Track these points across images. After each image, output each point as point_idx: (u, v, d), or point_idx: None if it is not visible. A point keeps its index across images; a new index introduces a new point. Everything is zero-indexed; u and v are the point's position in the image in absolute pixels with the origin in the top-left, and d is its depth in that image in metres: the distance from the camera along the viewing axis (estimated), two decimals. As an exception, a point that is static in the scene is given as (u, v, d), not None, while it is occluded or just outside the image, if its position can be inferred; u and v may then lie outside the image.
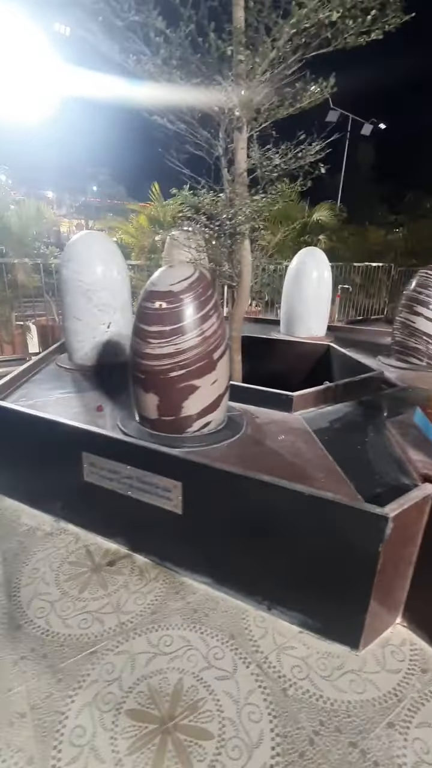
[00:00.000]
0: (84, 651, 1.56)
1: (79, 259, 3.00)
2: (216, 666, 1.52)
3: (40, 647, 1.57)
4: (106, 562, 2.00)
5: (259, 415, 2.42)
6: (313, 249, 4.57)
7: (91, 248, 3.03)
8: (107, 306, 3.08)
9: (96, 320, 3.08)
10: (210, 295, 1.96)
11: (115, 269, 3.11)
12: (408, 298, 3.48)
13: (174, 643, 1.60)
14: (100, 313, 3.07)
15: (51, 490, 2.27)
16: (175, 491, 1.79)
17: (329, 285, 4.53)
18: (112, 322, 3.14)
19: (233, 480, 1.65)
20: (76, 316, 3.07)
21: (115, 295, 3.11)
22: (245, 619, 1.72)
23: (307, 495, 1.48)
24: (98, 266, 3.02)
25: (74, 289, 3.01)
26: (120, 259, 3.19)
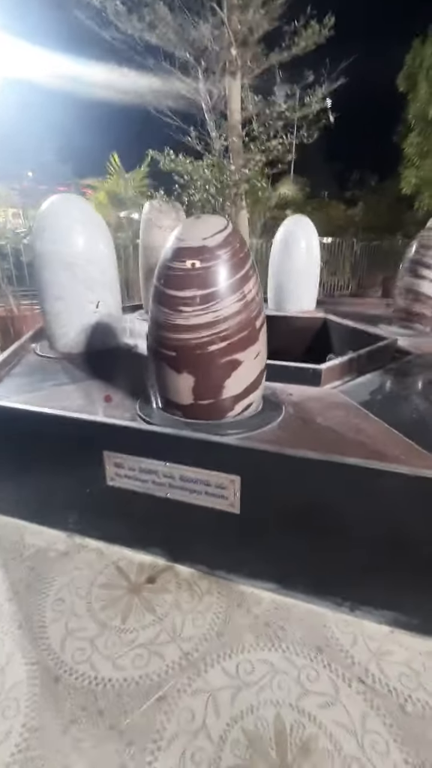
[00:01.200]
0: (150, 697, 1.24)
1: (57, 228, 2.53)
2: (314, 690, 1.26)
3: (91, 703, 1.23)
4: (144, 580, 1.67)
5: (290, 392, 2.16)
6: (300, 217, 4.31)
7: (69, 214, 2.57)
8: (95, 282, 2.65)
9: (82, 299, 2.64)
10: (247, 252, 1.64)
11: (100, 241, 2.67)
12: (411, 261, 3.34)
13: (256, 669, 1.32)
14: (87, 290, 2.64)
15: (62, 501, 1.89)
16: (231, 487, 1.49)
17: (318, 255, 4.32)
18: (101, 302, 2.72)
19: (308, 467, 1.38)
20: (57, 296, 2.61)
21: (103, 271, 2.68)
22: (327, 626, 1.47)
23: (409, 476, 1.24)
24: (80, 236, 2.58)
25: (53, 263, 2.55)
26: (105, 229, 2.75)
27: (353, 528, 1.41)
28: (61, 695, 1.25)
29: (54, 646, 1.40)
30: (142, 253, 4.12)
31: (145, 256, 4.08)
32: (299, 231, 4.20)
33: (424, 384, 2.23)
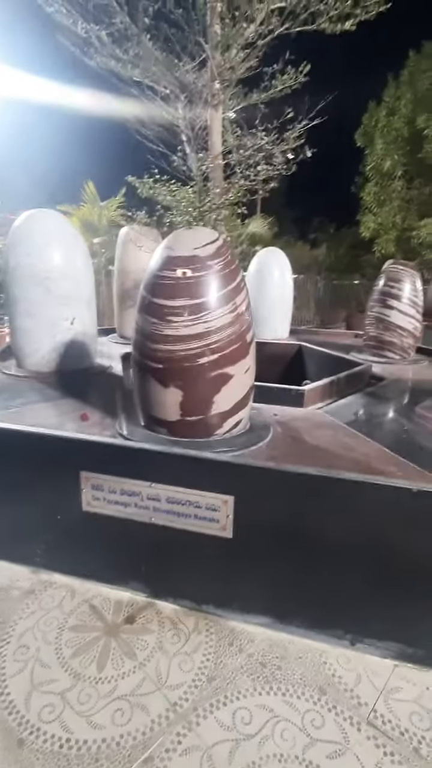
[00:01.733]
0: (134, 761, 1.05)
1: (31, 242, 2.44)
2: (321, 739, 1.12)
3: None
4: (122, 619, 1.48)
5: (275, 412, 2.11)
6: (273, 249, 4.47)
7: (46, 228, 2.49)
8: (70, 298, 2.55)
9: (57, 315, 2.52)
10: (237, 265, 1.62)
11: (78, 257, 2.60)
12: (380, 292, 3.50)
13: (254, 717, 1.17)
14: (62, 306, 2.52)
15: (27, 531, 1.68)
16: (223, 509, 1.38)
17: (291, 285, 4.46)
18: (77, 318, 2.61)
19: (309, 484, 1.30)
20: (28, 312, 2.48)
21: (79, 286, 2.59)
22: (327, 663, 1.35)
23: (414, 491, 1.20)
24: (56, 251, 2.49)
25: (26, 278, 2.43)
26: (82, 245, 2.69)
27: (353, 552, 1.33)
28: (26, 762, 1.03)
29: (17, 702, 1.18)
30: (117, 277, 4.08)
31: (120, 280, 4.04)
32: (273, 262, 4.33)
33: (405, 406, 2.26)
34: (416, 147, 7.52)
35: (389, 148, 7.88)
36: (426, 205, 7.71)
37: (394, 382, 2.92)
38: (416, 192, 7.94)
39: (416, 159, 7.60)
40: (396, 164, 7.85)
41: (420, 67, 7.47)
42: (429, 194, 7.67)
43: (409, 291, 3.40)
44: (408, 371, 3.24)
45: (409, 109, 7.53)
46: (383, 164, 7.95)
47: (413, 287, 3.42)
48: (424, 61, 7.48)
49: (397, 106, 7.83)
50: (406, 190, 8.04)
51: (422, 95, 7.24)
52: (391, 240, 8.26)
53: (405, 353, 3.49)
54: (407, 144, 7.71)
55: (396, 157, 7.82)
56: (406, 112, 7.56)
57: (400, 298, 3.40)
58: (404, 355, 3.49)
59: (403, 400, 2.38)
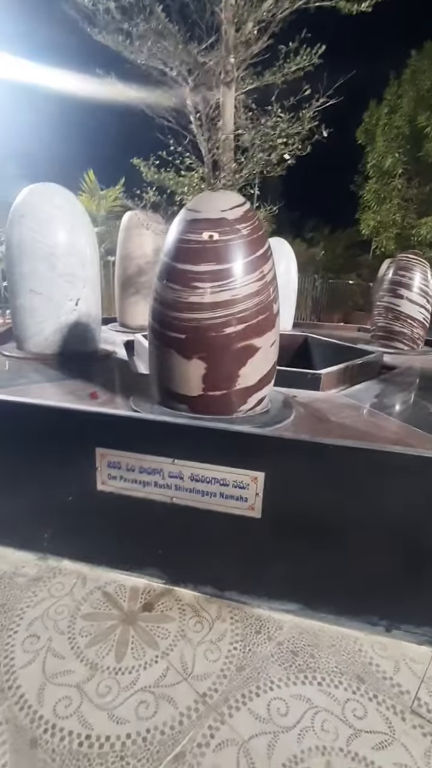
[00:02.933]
0: (163, 758, 0.95)
1: (39, 215, 2.32)
2: (366, 729, 1.03)
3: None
4: (140, 607, 1.37)
5: (293, 394, 2.02)
6: (279, 240, 4.40)
7: (52, 202, 2.37)
8: (75, 277, 2.43)
9: (62, 294, 2.40)
10: (266, 231, 1.53)
11: (82, 235, 2.48)
12: (390, 282, 3.44)
13: (291, 708, 1.07)
14: (67, 285, 2.40)
15: (33, 514, 1.56)
16: (253, 486, 1.28)
17: (296, 277, 4.40)
18: (81, 299, 2.49)
19: (346, 457, 1.21)
20: (33, 289, 2.35)
21: (84, 264, 2.47)
22: (362, 651, 1.26)
23: (463, 463, 1.12)
24: (62, 227, 2.38)
25: (32, 253, 2.31)
26: (88, 222, 2.57)
27: (388, 532, 1.25)
28: (41, 764, 0.92)
29: (29, 697, 1.07)
30: (119, 263, 3.96)
31: (122, 267, 3.92)
32: (279, 253, 4.26)
33: (422, 390, 2.19)
34: (417, 145, 7.55)
35: (390, 146, 7.89)
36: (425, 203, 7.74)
37: (407, 370, 2.86)
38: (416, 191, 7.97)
39: (416, 157, 7.63)
40: (396, 162, 7.87)
41: (421, 66, 7.51)
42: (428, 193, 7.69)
43: (420, 280, 3.35)
44: (418, 362, 3.19)
45: (410, 108, 7.55)
46: (384, 162, 7.96)
47: (424, 277, 3.37)
48: (425, 60, 7.53)
49: (398, 104, 7.86)
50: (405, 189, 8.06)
51: (423, 94, 7.27)
52: (391, 238, 8.28)
53: (414, 344, 3.44)
54: (408, 142, 7.73)
55: (397, 155, 7.84)
56: (408, 110, 7.59)
57: (411, 287, 3.35)
58: (414, 346, 3.45)
59: (420, 387, 2.31)
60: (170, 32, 2.41)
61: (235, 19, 2.36)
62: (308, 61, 2.61)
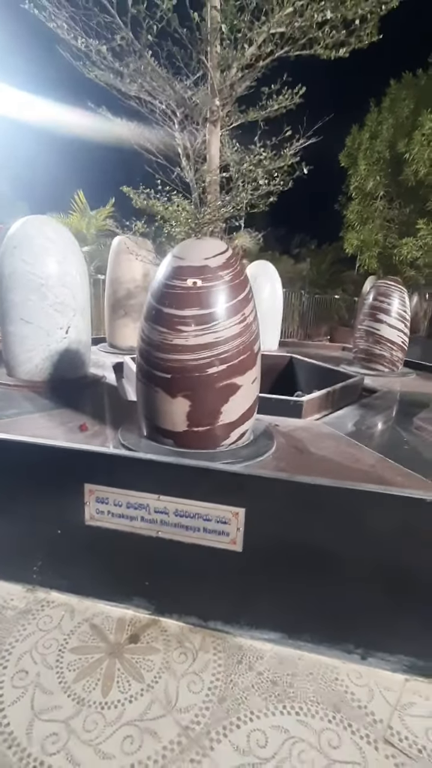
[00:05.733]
0: (147, 793, 0.99)
1: (31, 247, 2.39)
2: (340, 760, 1.09)
3: (72, 809, 0.95)
4: (126, 639, 1.42)
5: (276, 422, 2.10)
6: (264, 262, 4.53)
7: (44, 235, 2.45)
8: (66, 306, 2.50)
9: (52, 323, 2.46)
10: (246, 276, 1.63)
11: (73, 265, 2.56)
12: (370, 306, 3.59)
13: (270, 739, 1.13)
14: (57, 314, 2.47)
15: (22, 548, 1.60)
16: (234, 521, 1.35)
17: (281, 299, 4.52)
18: (71, 327, 2.55)
19: (322, 495, 1.29)
20: (24, 318, 2.41)
21: (74, 294, 2.55)
22: (339, 679, 1.32)
23: (429, 501, 1.20)
24: (53, 258, 2.45)
25: (24, 284, 2.37)
26: (78, 253, 2.65)
27: (363, 564, 1.32)
28: (29, 804, 0.96)
29: (17, 734, 1.10)
30: (109, 286, 4.04)
31: (111, 289, 4.00)
32: (264, 276, 4.40)
33: (401, 417, 2.29)
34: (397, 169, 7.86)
35: (372, 170, 8.20)
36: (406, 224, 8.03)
37: (386, 393, 2.97)
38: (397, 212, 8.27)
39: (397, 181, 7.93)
40: (378, 185, 8.17)
41: (400, 95, 7.88)
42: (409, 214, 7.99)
43: (398, 305, 3.50)
44: (398, 384, 3.32)
45: (390, 134, 7.88)
46: (366, 184, 8.26)
47: (402, 302, 3.52)
48: (404, 90, 7.90)
49: (379, 130, 8.20)
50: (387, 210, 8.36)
51: (402, 121, 7.62)
52: (374, 257, 8.55)
53: (394, 366, 3.57)
54: (389, 166, 8.05)
55: (378, 178, 8.14)
56: (388, 136, 7.92)
57: (390, 312, 3.50)
58: (393, 368, 3.58)
59: (399, 412, 2.42)
60: (158, 74, 2.54)
61: (221, 64, 2.50)
62: (289, 101, 2.76)
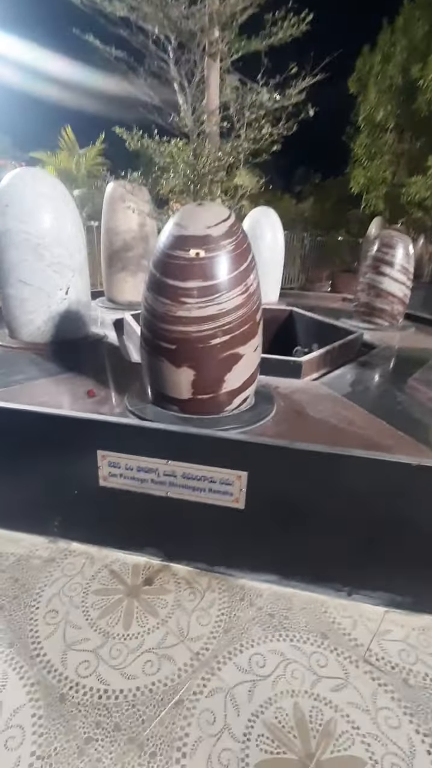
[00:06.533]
0: (166, 704, 1.20)
1: (23, 204, 2.30)
2: (326, 675, 1.30)
3: (105, 717, 1.16)
4: (141, 582, 1.60)
5: (275, 384, 2.18)
6: (266, 209, 4.34)
7: (36, 189, 2.34)
8: (64, 266, 2.46)
9: (51, 284, 2.44)
10: (248, 243, 1.61)
11: (68, 220, 2.47)
12: (373, 258, 3.51)
13: (268, 661, 1.34)
14: (56, 275, 2.44)
15: (43, 504, 1.75)
16: (237, 483, 1.47)
17: (282, 247, 4.39)
18: (71, 287, 2.53)
19: (316, 460, 1.40)
20: (22, 280, 2.39)
21: (72, 254, 2.49)
22: (327, 612, 1.52)
23: (414, 466, 1.31)
24: (47, 215, 2.36)
25: (19, 243, 2.32)
26: (73, 207, 2.55)
27: (352, 517, 1.47)
28: (69, 714, 1.17)
29: (54, 662, 1.30)
30: (105, 236, 3.90)
31: (108, 240, 3.87)
32: (266, 223, 4.23)
33: (396, 376, 2.37)
34: (410, 98, 7.18)
35: (383, 98, 7.48)
36: (416, 160, 7.51)
37: (384, 350, 3.02)
38: (407, 145, 7.69)
39: (409, 111, 7.28)
40: (389, 115, 7.51)
41: (414, 14, 6.96)
42: (420, 149, 7.44)
43: (402, 257, 3.43)
44: (397, 338, 3.35)
45: (403, 57, 7.09)
46: (376, 114, 7.59)
47: (406, 253, 3.44)
48: (418, 9, 6.98)
49: (391, 52, 7.35)
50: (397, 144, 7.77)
51: (416, 44, 6.81)
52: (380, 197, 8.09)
53: (394, 320, 3.58)
54: (401, 94, 7.33)
55: (389, 108, 7.46)
56: (401, 59, 7.12)
57: (393, 264, 3.43)
58: (393, 321, 3.59)
59: (395, 371, 2.49)
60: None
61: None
62: (296, 29, 2.48)
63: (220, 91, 2.59)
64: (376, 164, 7.93)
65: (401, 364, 2.65)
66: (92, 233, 6.11)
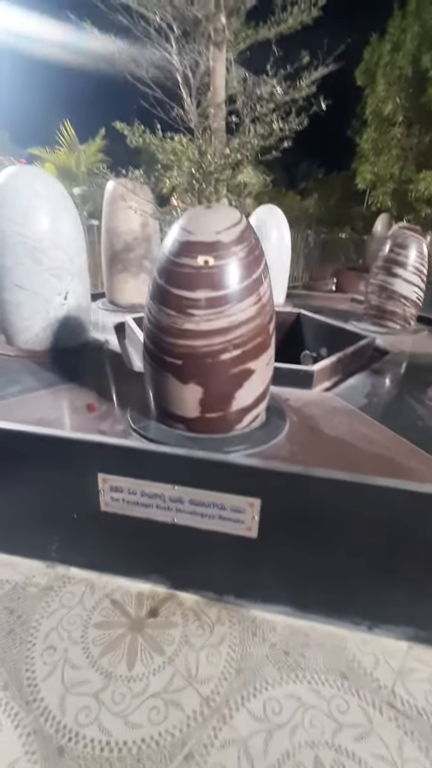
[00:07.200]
0: (175, 759, 1.10)
1: (18, 205, 2.18)
2: (347, 723, 1.20)
3: (108, 775, 1.06)
4: (146, 613, 1.50)
5: (285, 395, 2.06)
6: (271, 207, 4.20)
7: (33, 189, 2.22)
8: (62, 270, 2.34)
9: (49, 289, 2.32)
10: (261, 249, 1.49)
11: (67, 222, 2.35)
12: (385, 259, 3.37)
13: (284, 707, 1.23)
14: (54, 279, 2.32)
15: (41, 527, 1.64)
16: (249, 511, 1.36)
17: (289, 246, 4.26)
18: (70, 292, 2.41)
19: (336, 488, 1.29)
20: (19, 284, 2.27)
21: (71, 257, 2.37)
22: (347, 649, 1.42)
23: (446, 497, 1.20)
24: (45, 216, 2.24)
25: (14, 246, 2.20)
26: (73, 208, 2.42)
27: (373, 546, 1.36)
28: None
29: (52, 707, 1.20)
30: (105, 237, 3.77)
31: (108, 241, 3.74)
32: (271, 222, 4.09)
33: (413, 385, 2.24)
34: (420, 90, 6.97)
35: (391, 90, 7.26)
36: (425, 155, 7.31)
37: (398, 356, 2.89)
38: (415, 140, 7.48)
39: (418, 103, 7.07)
40: (397, 108, 7.29)
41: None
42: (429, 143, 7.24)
43: (415, 258, 3.29)
44: (410, 343, 3.22)
45: (414, 45, 6.85)
46: (384, 108, 7.38)
47: (419, 254, 3.30)
48: None
49: (402, 40, 7.10)
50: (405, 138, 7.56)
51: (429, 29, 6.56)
52: (388, 192, 7.89)
53: (406, 323, 3.44)
54: (410, 85, 7.12)
55: (398, 100, 7.24)
56: (412, 48, 6.88)
57: (406, 265, 3.29)
58: (405, 325, 3.45)
59: (412, 380, 2.36)
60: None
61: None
62: (307, 15, 2.34)
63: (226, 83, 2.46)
64: (383, 159, 7.73)
65: (417, 372, 2.52)
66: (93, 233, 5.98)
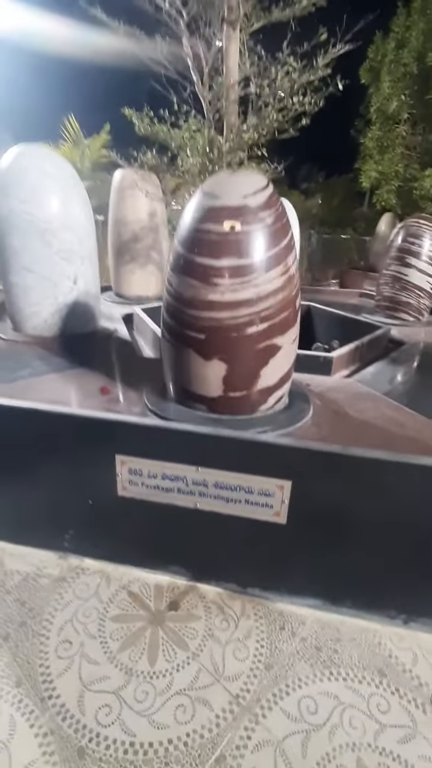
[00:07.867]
0: (206, 761, 1.00)
1: (28, 185, 2.10)
2: (390, 724, 1.10)
3: (133, 780, 0.96)
4: (166, 606, 1.40)
5: (307, 381, 1.97)
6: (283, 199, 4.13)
7: (42, 169, 2.15)
8: (73, 254, 2.26)
9: (58, 273, 2.24)
10: (288, 218, 1.41)
11: (76, 204, 2.27)
12: (398, 249, 3.30)
13: (320, 706, 1.13)
14: (64, 262, 2.24)
15: (53, 515, 1.55)
16: (278, 494, 1.27)
17: (298, 242, 4.18)
18: (79, 276, 2.33)
19: (373, 468, 1.20)
20: (27, 268, 2.19)
21: (81, 240, 2.29)
22: (382, 644, 1.32)
23: None
24: (56, 198, 2.17)
25: (23, 228, 2.12)
26: (82, 190, 2.35)
27: (411, 535, 1.26)
28: (90, 775, 0.97)
29: (70, 706, 1.10)
30: (113, 228, 3.70)
31: (116, 232, 3.67)
32: (280, 214, 4.03)
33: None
34: (425, 87, 6.95)
35: (396, 87, 7.23)
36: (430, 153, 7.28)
37: (414, 346, 2.82)
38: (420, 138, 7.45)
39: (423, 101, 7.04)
40: (402, 106, 7.27)
41: None
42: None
43: (429, 248, 3.22)
44: (423, 334, 3.14)
45: (419, 42, 6.84)
46: (389, 106, 7.36)
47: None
48: None
49: (407, 38, 7.10)
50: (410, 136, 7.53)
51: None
52: (392, 191, 7.86)
53: (420, 315, 3.37)
54: (415, 83, 7.10)
55: (403, 98, 7.22)
56: (417, 45, 6.87)
57: (420, 255, 3.22)
58: (419, 316, 3.38)
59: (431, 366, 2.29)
60: None
61: None
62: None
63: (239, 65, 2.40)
64: (388, 157, 7.69)
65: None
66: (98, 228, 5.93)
